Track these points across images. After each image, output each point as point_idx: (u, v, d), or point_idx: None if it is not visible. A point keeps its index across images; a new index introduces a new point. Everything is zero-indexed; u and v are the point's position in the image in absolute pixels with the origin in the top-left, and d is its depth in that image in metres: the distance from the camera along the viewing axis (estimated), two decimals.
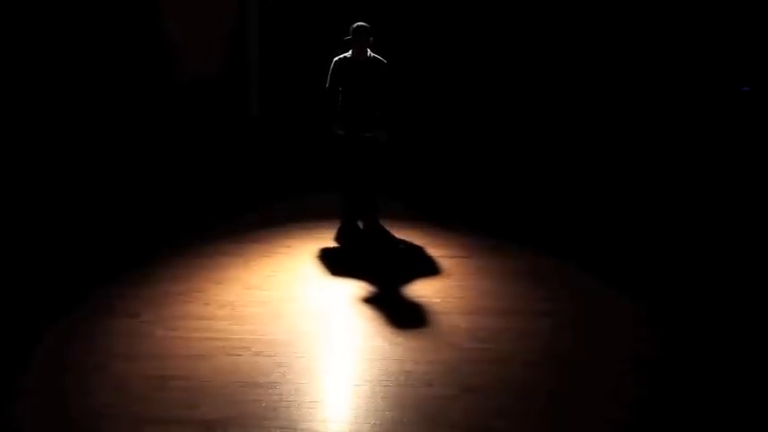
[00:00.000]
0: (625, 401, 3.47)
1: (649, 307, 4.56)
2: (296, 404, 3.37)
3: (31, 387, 3.48)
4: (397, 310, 4.40)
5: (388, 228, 5.88)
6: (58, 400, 3.38)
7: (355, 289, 4.74)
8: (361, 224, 5.86)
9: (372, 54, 5.51)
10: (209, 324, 4.16)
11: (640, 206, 6.70)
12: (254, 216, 6.13)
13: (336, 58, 5.53)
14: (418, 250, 5.51)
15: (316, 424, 3.23)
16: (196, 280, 4.78)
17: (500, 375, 3.67)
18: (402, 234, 5.79)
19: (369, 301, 4.56)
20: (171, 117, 8.03)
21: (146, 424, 3.19)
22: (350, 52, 5.48)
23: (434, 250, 5.47)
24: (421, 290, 4.73)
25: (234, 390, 3.47)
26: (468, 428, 3.22)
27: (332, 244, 5.54)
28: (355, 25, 5.41)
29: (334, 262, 5.20)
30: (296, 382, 3.56)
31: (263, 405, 3.35)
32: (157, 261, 5.08)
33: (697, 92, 8.32)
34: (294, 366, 3.71)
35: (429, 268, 5.17)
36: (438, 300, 4.58)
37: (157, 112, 7.98)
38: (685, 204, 6.77)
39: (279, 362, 3.74)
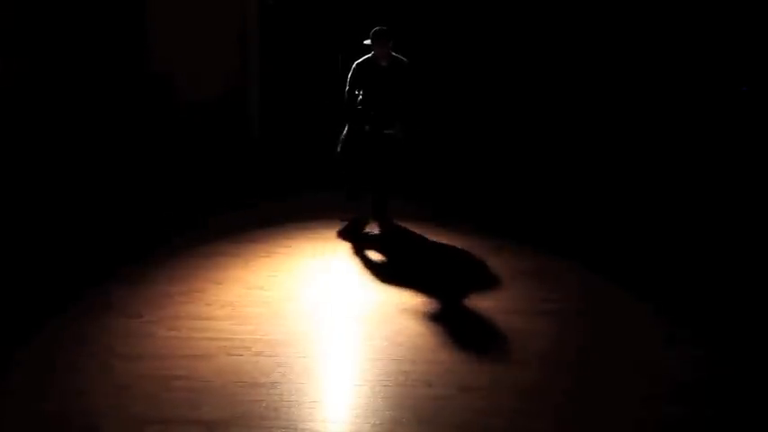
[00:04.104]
0: (629, 402, 3.48)
1: (655, 306, 4.57)
2: (296, 404, 3.38)
3: (31, 386, 3.49)
4: (397, 310, 4.41)
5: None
6: (58, 400, 3.38)
7: (355, 289, 4.76)
8: (378, 228, 5.83)
9: (393, 55, 5.48)
10: (210, 324, 4.17)
11: (644, 205, 6.70)
12: (252, 216, 6.14)
13: (357, 62, 5.52)
14: (421, 250, 5.52)
15: (316, 424, 3.24)
16: (196, 280, 4.78)
17: (500, 375, 3.68)
18: (406, 234, 5.80)
19: (369, 300, 4.57)
20: (171, 134, 8.06)
21: (147, 424, 3.19)
22: (371, 54, 5.46)
23: (436, 250, 5.48)
24: (422, 290, 4.73)
25: (235, 390, 3.48)
26: (468, 428, 3.24)
27: (331, 244, 5.55)
28: (375, 29, 5.38)
29: (334, 262, 5.21)
30: (296, 382, 3.57)
31: (264, 405, 3.36)
32: (157, 261, 5.08)
33: (696, 91, 8.32)
34: (294, 366, 3.72)
35: (431, 268, 5.18)
36: (439, 299, 4.59)
37: (158, 129, 8.02)
38: (688, 203, 6.77)
39: (279, 362, 3.75)
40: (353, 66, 5.52)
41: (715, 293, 4.76)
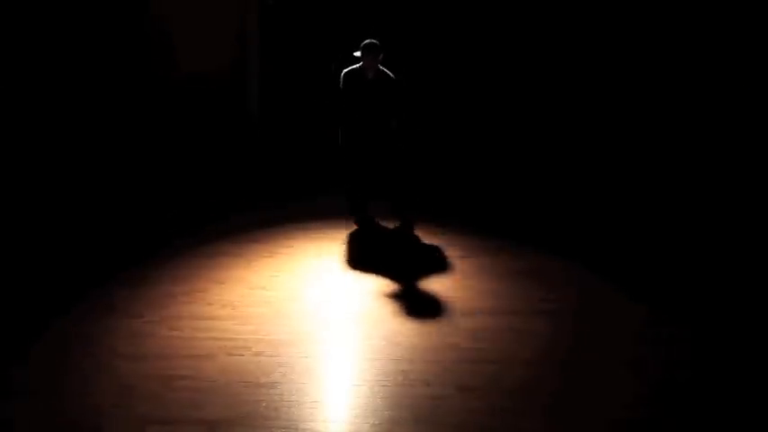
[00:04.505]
0: (625, 402, 3.51)
1: (651, 307, 4.60)
2: (297, 404, 3.43)
3: (34, 387, 3.54)
4: (397, 310, 4.46)
5: (385, 224, 5.95)
6: (61, 400, 3.43)
7: (356, 289, 4.80)
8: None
9: (382, 69, 5.51)
10: (212, 324, 4.22)
11: (644, 207, 6.71)
12: (254, 216, 6.19)
13: (345, 71, 5.54)
14: (420, 250, 5.56)
15: (317, 424, 3.29)
16: (198, 280, 4.83)
17: (498, 375, 3.72)
18: (405, 234, 5.85)
19: (369, 300, 4.61)
20: (170, 118, 8.10)
21: (149, 424, 3.25)
22: (359, 65, 5.49)
23: (436, 250, 5.52)
24: (421, 289, 4.79)
25: (236, 390, 3.53)
26: (467, 428, 3.28)
27: (333, 244, 5.59)
28: (364, 43, 5.39)
29: (336, 262, 5.26)
30: (297, 381, 3.62)
31: (265, 405, 3.41)
32: (158, 261, 5.13)
33: (713, 91, 8.24)
34: (295, 366, 3.77)
35: (430, 268, 5.21)
36: (438, 299, 4.63)
37: (157, 113, 8.04)
38: (689, 204, 6.78)
39: (280, 362, 3.80)
40: (342, 74, 5.55)
41: (712, 295, 4.79)
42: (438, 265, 5.27)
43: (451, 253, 5.45)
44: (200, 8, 8.29)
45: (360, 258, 5.37)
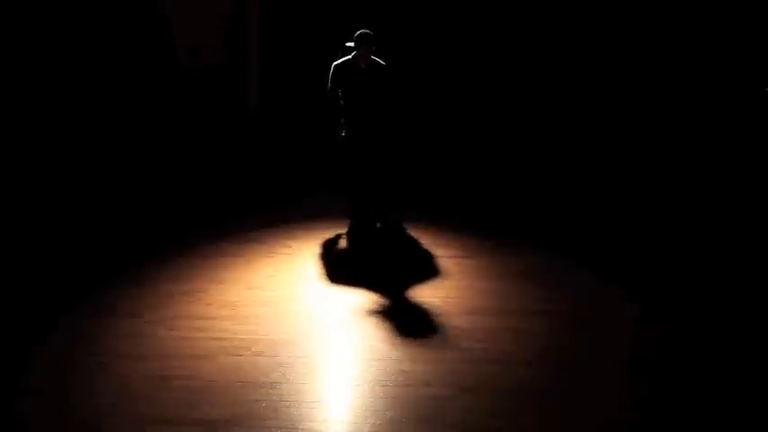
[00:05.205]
0: (623, 401, 3.51)
1: (648, 306, 4.60)
2: (296, 404, 3.41)
3: (34, 387, 3.53)
4: (396, 310, 4.45)
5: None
6: (61, 399, 3.42)
7: (355, 289, 4.79)
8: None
9: (373, 58, 5.52)
10: (211, 324, 4.21)
11: (641, 206, 6.72)
12: (253, 216, 6.18)
13: (335, 64, 5.54)
14: (418, 250, 5.55)
15: (316, 424, 3.28)
16: (197, 280, 4.82)
17: (498, 375, 3.71)
18: (404, 234, 5.84)
19: (368, 301, 4.60)
20: (169, 112, 8.08)
21: (148, 424, 3.23)
22: (351, 55, 5.50)
23: (434, 250, 5.51)
24: (420, 290, 4.78)
25: (235, 390, 3.52)
26: (466, 428, 3.27)
27: (333, 244, 5.58)
28: (358, 33, 5.41)
29: (335, 262, 5.25)
30: (296, 381, 3.61)
31: (264, 405, 3.39)
32: (158, 261, 5.12)
33: (712, 91, 8.23)
34: (295, 366, 3.76)
35: (428, 268, 5.21)
36: (437, 300, 4.62)
37: (155, 108, 8.02)
38: (687, 204, 6.78)
39: (280, 362, 3.79)
40: (332, 67, 5.55)
41: (710, 295, 4.79)
42: (437, 265, 5.26)
43: (451, 253, 5.44)
44: (201, 3, 8.28)
45: (359, 258, 5.36)
